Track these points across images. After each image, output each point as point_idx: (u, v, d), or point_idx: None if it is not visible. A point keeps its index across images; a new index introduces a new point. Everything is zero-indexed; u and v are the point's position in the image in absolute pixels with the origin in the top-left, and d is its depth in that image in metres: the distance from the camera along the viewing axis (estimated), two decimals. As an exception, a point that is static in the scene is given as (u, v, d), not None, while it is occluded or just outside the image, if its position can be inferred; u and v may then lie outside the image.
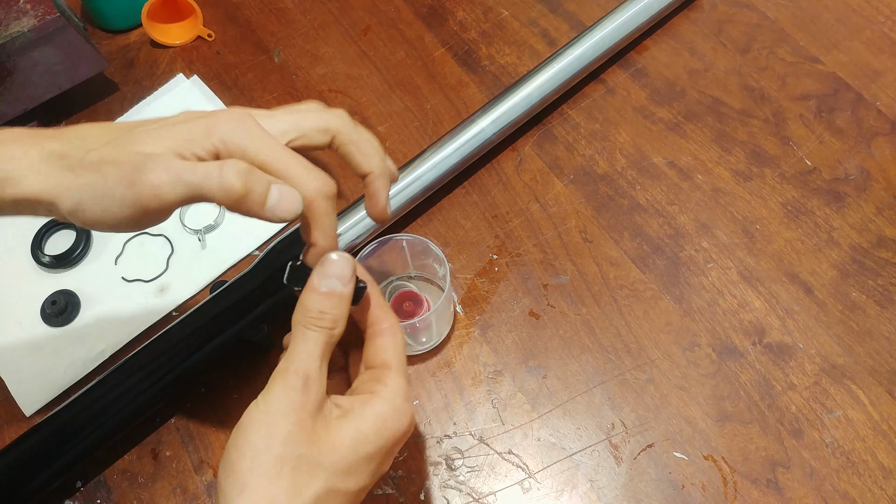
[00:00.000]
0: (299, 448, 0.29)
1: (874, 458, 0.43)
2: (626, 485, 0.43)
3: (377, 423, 0.30)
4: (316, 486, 0.29)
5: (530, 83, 0.54)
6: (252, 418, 0.29)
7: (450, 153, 0.52)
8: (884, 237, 0.50)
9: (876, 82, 0.57)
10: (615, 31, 0.56)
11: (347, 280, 0.31)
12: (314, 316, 0.31)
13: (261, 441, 0.28)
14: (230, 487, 0.28)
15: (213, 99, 0.63)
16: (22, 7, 0.56)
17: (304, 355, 0.30)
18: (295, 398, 0.29)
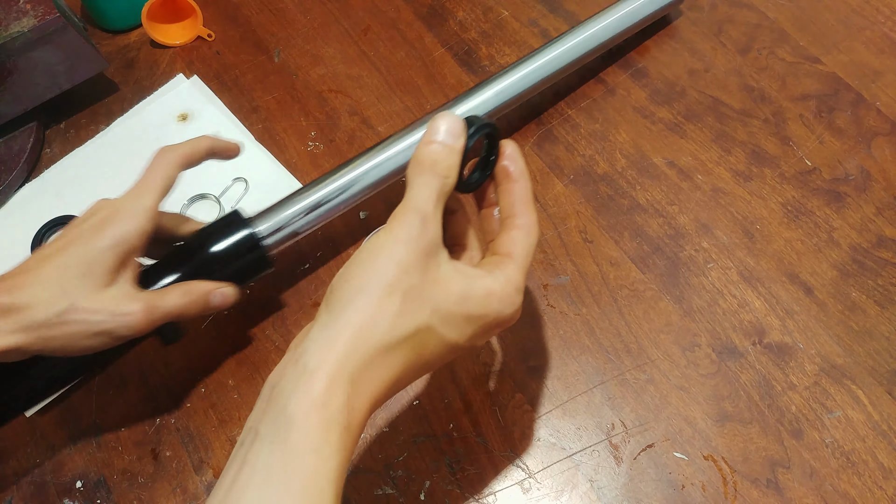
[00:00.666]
0: (412, 278, 0.30)
1: (874, 458, 0.43)
2: (626, 485, 0.43)
3: (485, 295, 0.32)
4: (419, 318, 0.30)
5: (517, 72, 0.52)
6: (372, 244, 0.31)
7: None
8: (884, 237, 0.50)
9: (876, 82, 0.57)
10: (606, 27, 0.55)
11: (457, 135, 0.33)
12: (427, 164, 0.32)
13: (379, 263, 0.30)
14: (338, 299, 0.30)
15: (213, 99, 0.63)
16: (22, 7, 0.56)
17: (420, 198, 0.32)
18: (413, 232, 0.30)
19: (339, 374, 0.28)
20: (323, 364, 0.28)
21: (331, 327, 0.29)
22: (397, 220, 0.31)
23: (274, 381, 0.29)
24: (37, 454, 0.48)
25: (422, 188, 0.32)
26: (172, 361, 0.51)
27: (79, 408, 0.50)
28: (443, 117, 0.34)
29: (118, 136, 0.62)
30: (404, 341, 0.30)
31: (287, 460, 0.27)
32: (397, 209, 0.32)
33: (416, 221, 0.31)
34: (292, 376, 0.28)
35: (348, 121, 0.60)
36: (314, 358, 0.28)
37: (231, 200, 0.57)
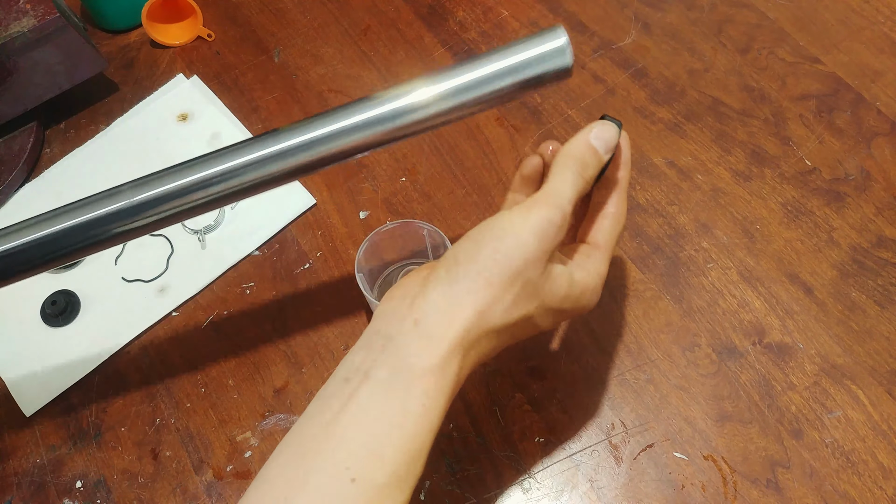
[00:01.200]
0: (533, 272, 0.31)
1: (874, 458, 0.43)
2: (625, 485, 0.43)
3: (581, 292, 0.34)
4: (528, 309, 0.32)
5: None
6: (505, 225, 0.32)
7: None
8: (884, 237, 0.50)
9: (876, 82, 0.57)
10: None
11: (611, 149, 0.34)
12: (580, 164, 0.33)
13: (509, 249, 0.31)
14: (465, 272, 0.31)
15: (213, 99, 0.63)
16: (22, 7, 0.56)
17: (568, 196, 0.32)
18: (550, 231, 0.31)
19: (458, 347, 0.30)
20: (447, 334, 0.30)
21: (455, 302, 0.31)
22: (538, 209, 0.32)
23: (387, 333, 0.31)
24: (37, 454, 0.48)
25: (567, 185, 0.32)
26: (172, 362, 0.51)
27: (79, 408, 0.50)
28: (606, 127, 0.34)
29: (118, 136, 0.62)
30: (511, 326, 0.32)
31: (404, 406, 0.29)
32: (539, 195, 0.32)
33: (557, 220, 0.32)
34: (413, 336, 0.30)
35: (348, 121, 0.60)
36: (438, 326, 0.30)
37: (231, 200, 0.57)
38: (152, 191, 0.36)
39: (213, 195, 0.37)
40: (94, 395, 0.50)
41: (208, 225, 0.56)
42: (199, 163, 0.36)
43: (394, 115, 0.35)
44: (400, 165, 0.57)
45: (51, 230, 0.36)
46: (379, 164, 0.57)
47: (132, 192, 0.36)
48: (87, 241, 0.37)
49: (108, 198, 0.36)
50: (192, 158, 0.37)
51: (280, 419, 0.48)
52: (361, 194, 0.56)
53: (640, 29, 0.62)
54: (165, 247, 0.55)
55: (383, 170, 0.57)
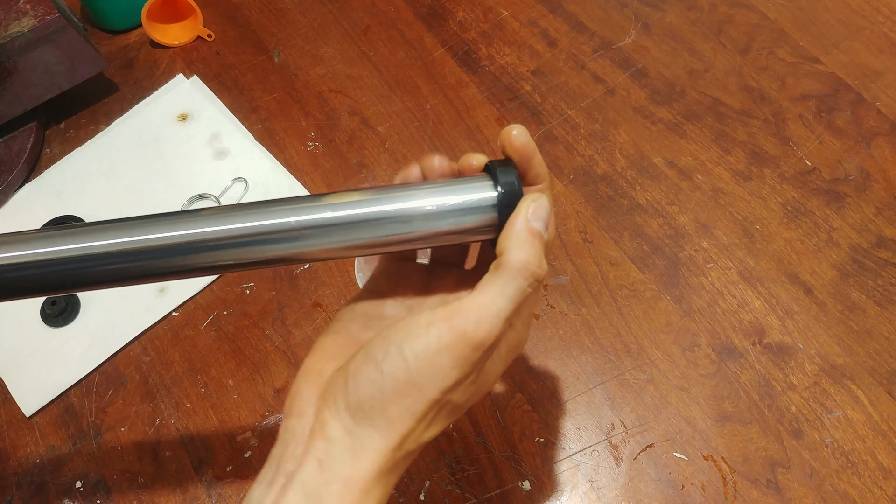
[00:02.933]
0: (455, 396, 0.27)
1: (874, 458, 0.43)
2: (625, 485, 0.43)
3: (508, 352, 0.30)
4: (445, 423, 0.29)
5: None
6: (418, 350, 0.26)
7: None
8: (883, 237, 0.50)
9: (876, 82, 0.57)
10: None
11: (548, 224, 0.29)
12: (533, 266, 0.27)
13: (421, 379, 0.26)
14: (371, 408, 0.27)
15: (213, 99, 0.63)
16: (22, 7, 0.56)
17: (506, 314, 0.27)
18: (475, 357, 0.27)
19: (374, 485, 0.27)
20: (358, 479, 0.27)
21: (362, 445, 0.27)
22: (461, 331, 0.26)
23: (290, 471, 0.27)
24: (37, 454, 0.48)
25: (512, 299, 0.27)
26: (172, 362, 0.51)
27: (78, 408, 0.50)
28: (539, 202, 0.28)
29: (118, 136, 0.62)
30: (425, 443, 0.29)
31: None
32: (468, 309, 0.27)
33: (486, 345, 0.27)
34: (319, 480, 0.27)
35: (348, 121, 0.60)
36: (347, 470, 0.27)
37: (231, 200, 0.57)
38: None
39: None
40: (94, 396, 0.50)
41: (208, 225, 0.56)
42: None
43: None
44: (400, 165, 0.57)
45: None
46: (379, 165, 0.57)
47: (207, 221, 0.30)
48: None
49: (188, 221, 0.31)
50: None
51: (280, 419, 0.48)
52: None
53: (639, 29, 0.62)
54: (165, 247, 0.55)
55: (383, 170, 0.57)
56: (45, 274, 0.29)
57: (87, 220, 0.57)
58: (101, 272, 0.30)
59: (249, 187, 0.57)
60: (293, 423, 0.29)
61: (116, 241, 0.30)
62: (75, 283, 0.30)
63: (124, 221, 0.31)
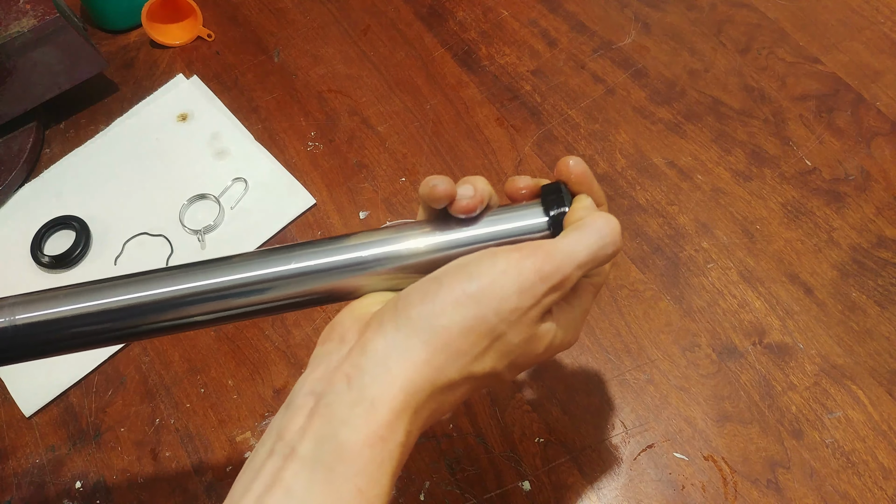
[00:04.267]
0: (509, 330, 0.26)
1: (874, 458, 0.43)
2: (625, 485, 0.43)
3: (564, 335, 0.29)
4: (495, 366, 0.27)
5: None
6: (483, 267, 0.26)
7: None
8: (884, 237, 0.50)
9: (876, 82, 0.57)
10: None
11: (618, 249, 0.29)
12: (613, 236, 0.27)
13: (481, 294, 0.25)
14: (419, 315, 0.25)
15: (213, 99, 0.63)
16: (22, 7, 0.56)
17: (578, 260, 0.27)
18: (541, 288, 0.26)
19: (403, 411, 0.25)
20: (386, 396, 0.25)
21: (401, 353, 0.25)
22: (532, 261, 0.26)
23: (319, 391, 0.25)
24: (36, 454, 0.48)
25: (589, 248, 0.27)
26: (172, 362, 0.51)
27: (78, 408, 0.50)
28: (616, 226, 0.28)
29: (118, 136, 0.62)
30: (470, 381, 0.27)
31: (335, 491, 0.24)
32: (543, 246, 0.26)
33: (553, 281, 0.26)
34: (346, 399, 0.25)
35: (348, 121, 0.60)
36: (377, 387, 0.25)
37: (231, 200, 0.57)
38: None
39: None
40: (94, 396, 0.50)
41: (208, 225, 0.56)
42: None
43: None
44: (399, 165, 0.57)
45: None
46: (379, 165, 0.57)
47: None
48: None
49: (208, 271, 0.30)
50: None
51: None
52: (361, 194, 0.56)
53: (639, 29, 0.62)
54: (165, 247, 0.55)
55: (383, 170, 0.57)
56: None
57: (87, 220, 0.57)
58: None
59: (249, 187, 0.57)
60: (331, 347, 0.27)
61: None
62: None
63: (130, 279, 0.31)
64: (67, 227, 0.56)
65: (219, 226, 0.56)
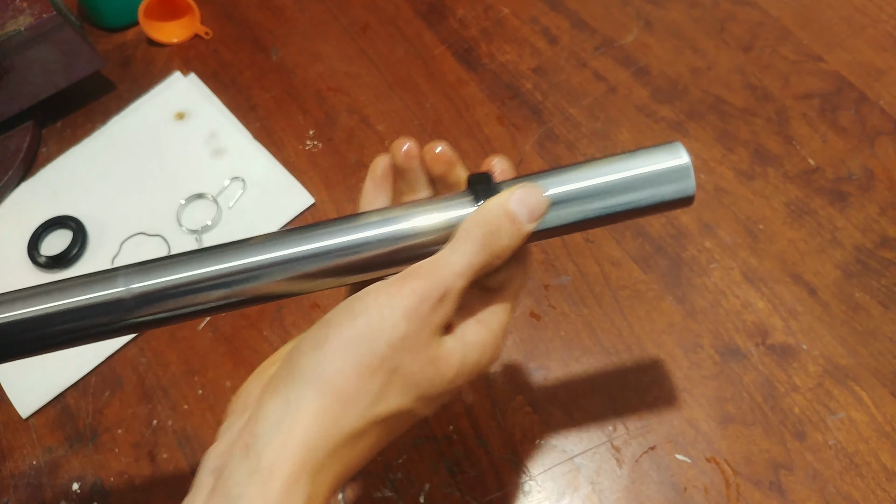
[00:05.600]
0: (405, 359, 0.25)
1: (877, 459, 0.42)
2: (627, 487, 0.43)
3: (476, 357, 0.28)
4: (400, 402, 0.25)
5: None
6: (368, 304, 0.25)
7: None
8: (887, 237, 0.50)
9: (879, 81, 0.56)
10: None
11: (535, 218, 0.27)
12: (491, 232, 0.26)
13: (369, 331, 0.25)
14: (305, 370, 0.24)
15: (211, 98, 0.62)
16: (18, 5, 0.55)
17: (456, 269, 0.26)
18: (425, 307, 0.25)
19: (301, 474, 0.23)
20: (282, 462, 0.23)
21: (295, 409, 0.24)
22: (412, 284, 0.25)
23: (218, 466, 0.25)
24: (33, 456, 0.48)
25: (465, 256, 0.26)
26: (169, 363, 0.50)
27: (75, 410, 0.49)
28: (532, 189, 0.27)
29: (115, 134, 0.61)
30: (377, 425, 0.25)
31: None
32: (420, 267, 0.26)
33: (435, 296, 0.25)
34: (243, 469, 0.24)
35: (347, 119, 0.60)
36: (271, 451, 0.23)
37: (229, 200, 0.57)
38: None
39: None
40: (91, 397, 0.50)
41: (206, 225, 0.55)
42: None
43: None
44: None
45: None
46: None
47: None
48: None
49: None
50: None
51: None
52: (360, 193, 0.56)
53: (642, 27, 0.61)
54: (163, 247, 0.55)
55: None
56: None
57: (84, 220, 0.56)
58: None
59: (247, 186, 0.57)
60: (233, 418, 0.26)
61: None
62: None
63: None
64: (64, 226, 0.56)
65: (216, 225, 0.56)
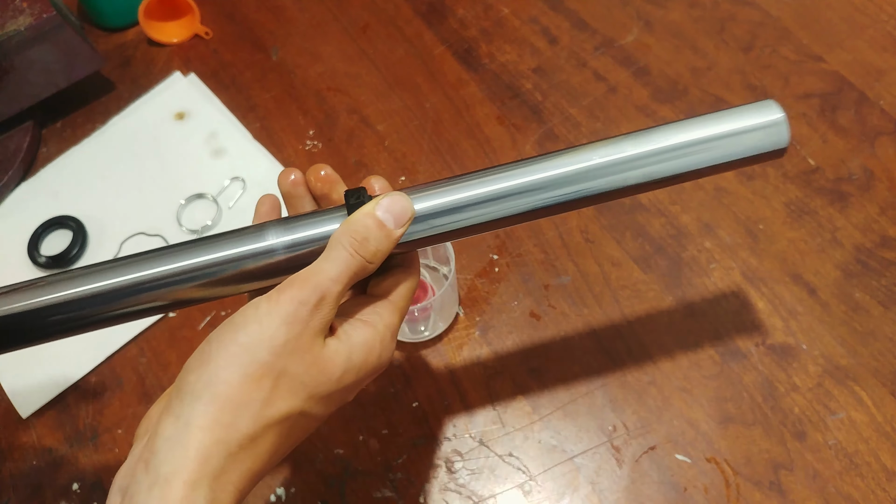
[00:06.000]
0: (288, 362, 0.26)
1: (877, 459, 0.42)
2: (627, 487, 0.43)
3: (363, 357, 0.29)
4: (291, 405, 0.27)
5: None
6: (248, 316, 0.27)
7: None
8: (887, 237, 0.50)
9: (879, 81, 0.56)
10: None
11: (403, 223, 0.30)
12: (358, 240, 0.29)
13: (250, 341, 0.26)
14: (194, 384, 0.26)
15: (211, 97, 0.62)
16: (18, 5, 0.55)
17: (330, 275, 0.28)
18: (303, 312, 0.27)
19: (199, 479, 0.24)
20: (179, 469, 0.24)
21: (186, 422, 0.25)
22: (289, 292, 0.27)
23: (123, 485, 0.26)
24: (33, 456, 0.48)
25: (336, 262, 0.28)
26: (169, 363, 0.50)
27: (75, 410, 0.49)
28: (399, 198, 0.30)
29: (114, 134, 0.61)
30: (271, 428, 0.26)
31: None
32: (299, 275, 0.28)
33: (312, 301, 0.27)
34: (144, 483, 0.24)
35: (347, 119, 0.60)
36: (168, 462, 0.24)
37: (229, 200, 0.57)
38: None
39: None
40: (91, 397, 0.50)
41: (205, 225, 0.55)
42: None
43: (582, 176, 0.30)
44: (399, 164, 0.57)
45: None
46: (378, 163, 0.57)
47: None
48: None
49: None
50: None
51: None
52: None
53: (642, 27, 0.61)
54: (163, 247, 0.55)
55: (382, 169, 0.57)
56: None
57: (84, 220, 0.56)
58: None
59: (247, 186, 0.57)
60: (137, 442, 0.28)
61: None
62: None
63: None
64: (64, 226, 0.56)
65: (216, 225, 0.56)
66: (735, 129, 0.31)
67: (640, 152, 0.31)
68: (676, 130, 0.31)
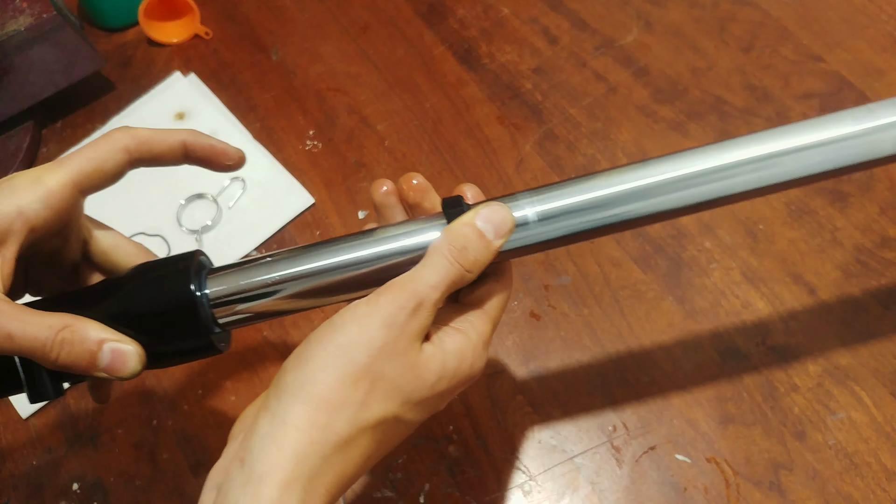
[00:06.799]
0: (385, 366, 0.27)
1: (877, 460, 0.42)
2: (627, 487, 0.43)
3: (456, 364, 0.29)
4: (386, 408, 0.27)
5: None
6: (346, 319, 0.27)
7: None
8: (888, 237, 0.50)
9: (879, 81, 0.56)
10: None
11: (503, 234, 0.30)
12: (458, 248, 0.29)
13: (349, 342, 0.26)
14: (292, 384, 0.26)
15: (211, 98, 0.62)
16: (18, 5, 0.55)
17: (429, 282, 0.28)
18: (401, 317, 0.27)
19: (293, 480, 0.25)
20: (273, 469, 0.24)
21: (282, 421, 0.25)
22: (388, 296, 0.27)
23: (218, 482, 0.26)
24: (33, 456, 0.48)
25: (435, 270, 0.28)
26: (170, 363, 0.50)
27: (76, 410, 0.49)
28: (499, 209, 0.30)
29: (115, 134, 0.61)
30: (365, 432, 0.26)
31: None
32: (398, 280, 0.28)
33: (410, 306, 0.27)
34: (238, 480, 0.25)
35: (347, 119, 0.60)
36: (263, 460, 0.25)
37: (229, 200, 0.57)
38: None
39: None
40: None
41: (206, 225, 0.55)
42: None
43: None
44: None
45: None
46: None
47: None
48: None
49: None
50: None
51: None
52: (360, 193, 0.56)
53: (641, 27, 0.61)
54: (163, 247, 0.55)
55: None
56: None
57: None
58: None
59: (247, 186, 0.57)
60: (233, 442, 0.28)
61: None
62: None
63: None
64: (64, 226, 0.56)
65: (216, 225, 0.56)
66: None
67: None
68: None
